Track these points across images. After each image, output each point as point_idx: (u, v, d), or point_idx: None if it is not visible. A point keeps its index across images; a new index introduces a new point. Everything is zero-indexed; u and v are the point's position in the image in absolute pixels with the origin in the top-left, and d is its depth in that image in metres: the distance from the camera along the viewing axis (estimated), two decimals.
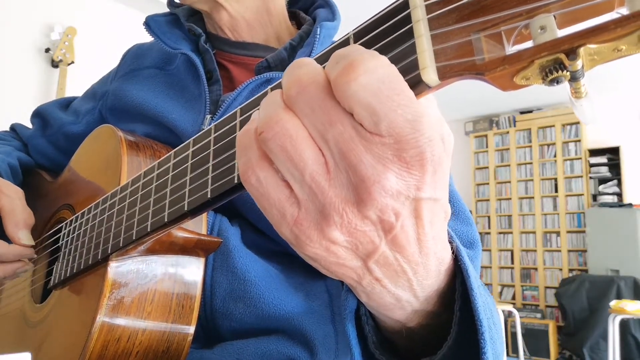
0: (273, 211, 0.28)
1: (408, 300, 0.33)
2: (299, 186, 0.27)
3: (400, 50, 0.27)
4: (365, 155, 0.25)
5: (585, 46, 0.22)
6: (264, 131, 0.27)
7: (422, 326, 0.37)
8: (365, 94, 0.24)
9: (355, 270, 0.30)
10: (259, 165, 0.28)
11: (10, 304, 0.72)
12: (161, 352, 0.53)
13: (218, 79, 0.70)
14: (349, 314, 0.38)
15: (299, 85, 0.26)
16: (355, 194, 0.26)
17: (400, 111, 0.24)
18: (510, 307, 4.28)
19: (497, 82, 0.25)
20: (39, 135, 0.88)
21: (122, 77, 0.80)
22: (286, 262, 0.63)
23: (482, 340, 0.34)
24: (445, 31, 0.25)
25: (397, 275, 0.30)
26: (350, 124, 0.25)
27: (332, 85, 0.26)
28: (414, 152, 0.25)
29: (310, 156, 0.26)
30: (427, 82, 0.26)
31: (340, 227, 0.27)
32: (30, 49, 3.06)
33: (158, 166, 0.45)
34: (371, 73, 0.24)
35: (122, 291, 0.51)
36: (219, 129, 0.37)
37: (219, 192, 0.35)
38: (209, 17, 0.75)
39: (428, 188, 0.27)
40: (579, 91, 0.24)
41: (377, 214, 0.27)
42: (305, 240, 0.28)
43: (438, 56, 0.25)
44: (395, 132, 0.25)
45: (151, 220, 0.44)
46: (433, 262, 0.31)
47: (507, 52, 0.24)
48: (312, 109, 0.26)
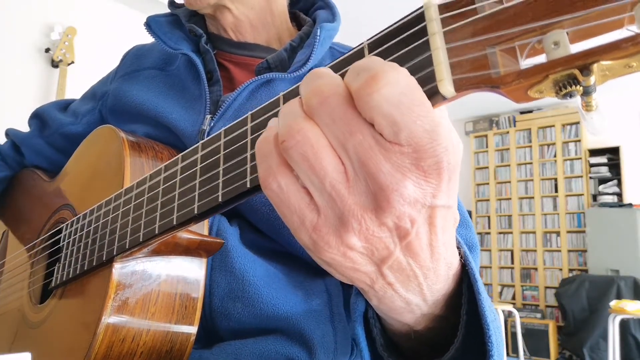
0: (293, 217, 0.29)
1: (417, 304, 0.34)
2: (318, 193, 0.28)
3: (416, 62, 0.28)
4: (385, 164, 0.26)
5: (598, 62, 0.23)
6: (286, 140, 0.28)
7: (429, 329, 0.38)
8: (387, 105, 0.25)
9: (369, 275, 0.30)
10: (280, 172, 0.29)
11: (8, 305, 0.72)
12: (165, 353, 0.53)
13: (218, 79, 0.71)
14: (359, 317, 0.39)
15: (321, 96, 0.27)
16: (373, 202, 0.27)
17: (419, 122, 0.25)
18: (510, 307, 4.28)
19: (512, 95, 0.26)
20: (37, 135, 0.88)
21: (122, 77, 0.80)
22: (285, 261, 0.63)
23: (489, 344, 0.35)
24: (460, 45, 0.26)
25: (409, 280, 0.31)
26: (370, 133, 0.26)
27: (353, 96, 0.26)
28: (432, 161, 0.26)
29: (330, 164, 0.27)
30: (444, 93, 0.26)
31: (358, 234, 0.28)
32: (30, 49, 3.06)
33: (165, 169, 0.45)
34: (393, 85, 0.25)
35: (127, 292, 0.51)
36: (228, 133, 0.38)
37: (231, 196, 0.36)
38: (212, 18, 0.75)
39: (443, 196, 0.27)
40: (590, 105, 0.25)
41: (394, 221, 0.27)
42: (323, 246, 0.29)
43: (454, 69, 0.26)
44: (414, 141, 0.25)
45: (159, 222, 0.44)
46: (443, 267, 0.32)
47: (521, 66, 0.25)
48: (333, 119, 0.27)
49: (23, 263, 0.74)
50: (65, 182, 0.73)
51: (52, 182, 0.77)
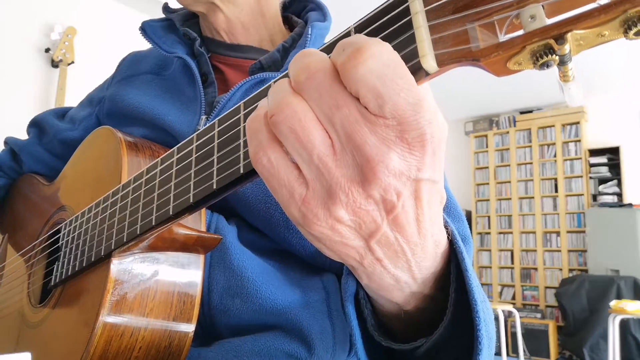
0: (283, 191, 0.30)
1: (406, 282, 0.34)
2: (307, 167, 0.29)
3: (400, 41, 0.29)
4: (370, 136, 0.27)
5: (572, 32, 0.25)
6: (275, 114, 0.29)
7: (418, 309, 0.38)
8: (371, 77, 0.26)
9: (358, 250, 0.31)
10: (270, 147, 0.30)
11: (8, 307, 0.72)
12: (163, 348, 0.53)
13: (213, 81, 0.72)
14: (350, 296, 0.40)
15: (308, 71, 0.28)
16: (360, 174, 0.28)
17: (403, 94, 0.26)
18: (510, 307, 4.28)
19: (492, 68, 0.27)
20: (36, 143, 0.89)
21: (119, 82, 0.82)
22: (282, 259, 0.64)
23: (476, 318, 0.35)
24: (442, 22, 0.27)
25: (397, 256, 0.32)
26: (355, 107, 0.27)
27: (339, 70, 0.27)
28: (416, 133, 0.27)
29: (317, 138, 0.28)
30: (427, 68, 0.28)
31: (345, 206, 0.28)
32: (30, 49, 3.06)
33: (161, 162, 0.46)
34: (377, 57, 0.26)
35: (125, 287, 0.51)
36: (222, 122, 0.38)
37: (225, 182, 0.36)
38: (205, 19, 0.77)
39: (428, 169, 0.28)
40: (567, 75, 0.27)
41: (381, 193, 0.28)
42: (312, 219, 0.29)
43: (436, 45, 0.27)
44: (398, 114, 0.26)
45: (156, 214, 0.44)
46: (430, 244, 0.33)
47: (500, 39, 0.26)
48: (319, 93, 0.28)
49: (22, 265, 0.74)
50: (64, 184, 0.74)
51: (51, 185, 0.78)
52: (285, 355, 0.56)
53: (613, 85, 5.38)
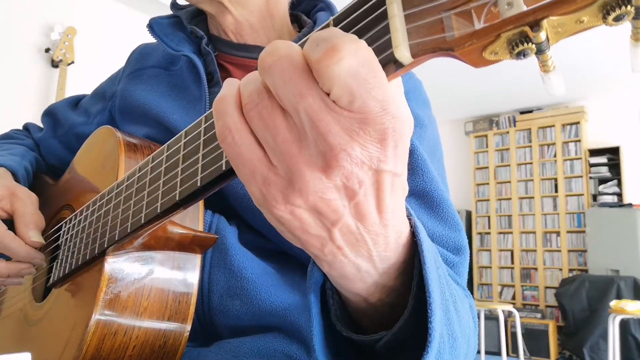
0: (245, 170, 0.30)
1: (368, 271, 0.34)
2: (272, 152, 0.29)
3: (375, 32, 0.28)
4: (334, 126, 0.27)
5: (548, 18, 0.24)
6: (244, 99, 0.30)
7: (383, 303, 0.38)
8: (345, 77, 0.26)
9: (319, 237, 0.31)
10: (236, 128, 0.30)
11: (13, 305, 0.73)
12: (158, 347, 0.53)
13: (219, 80, 0.72)
14: (314, 284, 0.40)
15: (272, 57, 0.28)
16: (323, 161, 0.28)
17: (373, 93, 0.26)
18: (510, 307, 4.28)
19: (467, 58, 0.27)
20: (51, 136, 0.90)
21: (128, 76, 0.82)
22: (282, 261, 0.64)
23: (429, 310, 0.35)
24: (417, 10, 0.27)
25: (358, 244, 0.32)
26: (319, 96, 0.27)
27: (312, 66, 0.27)
28: (379, 127, 0.27)
29: (282, 124, 0.29)
30: (401, 59, 0.27)
31: (306, 193, 0.29)
32: (30, 49, 3.06)
33: (152, 160, 0.46)
34: (352, 57, 0.26)
35: (119, 286, 0.51)
36: (208, 119, 0.38)
37: (209, 179, 0.36)
38: (213, 19, 0.76)
39: (390, 161, 0.29)
40: (547, 64, 0.26)
41: (343, 181, 0.29)
42: (271, 201, 0.30)
43: (411, 35, 0.27)
44: (365, 110, 0.27)
45: (145, 211, 0.44)
46: (392, 234, 0.33)
47: (476, 28, 0.25)
48: (283, 80, 0.28)
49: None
50: (67, 183, 0.74)
51: (56, 184, 0.79)
52: (285, 356, 0.56)
53: (613, 85, 5.37)
